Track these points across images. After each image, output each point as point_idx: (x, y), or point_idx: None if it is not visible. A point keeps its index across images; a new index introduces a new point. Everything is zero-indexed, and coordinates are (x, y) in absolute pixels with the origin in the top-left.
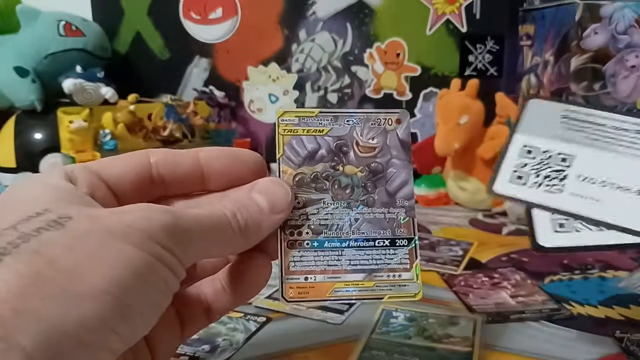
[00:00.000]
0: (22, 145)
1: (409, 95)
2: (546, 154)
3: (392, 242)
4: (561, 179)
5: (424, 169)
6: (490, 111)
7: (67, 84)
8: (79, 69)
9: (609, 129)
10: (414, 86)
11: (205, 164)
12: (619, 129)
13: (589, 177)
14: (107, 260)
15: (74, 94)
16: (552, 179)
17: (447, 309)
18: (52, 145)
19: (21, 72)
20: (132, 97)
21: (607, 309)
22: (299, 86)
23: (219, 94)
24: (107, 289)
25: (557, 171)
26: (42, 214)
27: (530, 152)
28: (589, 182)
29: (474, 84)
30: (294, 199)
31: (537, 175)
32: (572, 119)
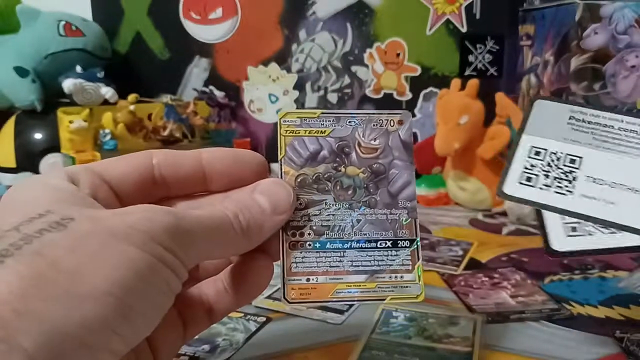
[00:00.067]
0: (22, 145)
1: (409, 95)
2: (554, 155)
3: (394, 244)
4: (571, 180)
5: (424, 169)
6: (490, 111)
7: (67, 84)
8: (79, 69)
9: (616, 130)
10: (414, 86)
11: (207, 165)
12: (627, 131)
13: (599, 179)
14: (109, 261)
15: (74, 94)
16: (562, 181)
17: (447, 309)
18: (52, 145)
19: (21, 72)
20: (132, 97)
21: (607, 309)
22: (299, 86)
23: (219, 94)
24: (109, 290)
25: (566, 173)
26: (45, 215)
27: (538, 154)
28: (599, 183)
29: (474, 84)
30: (296, 200)
31: (547, 176)
32: (579, 120)
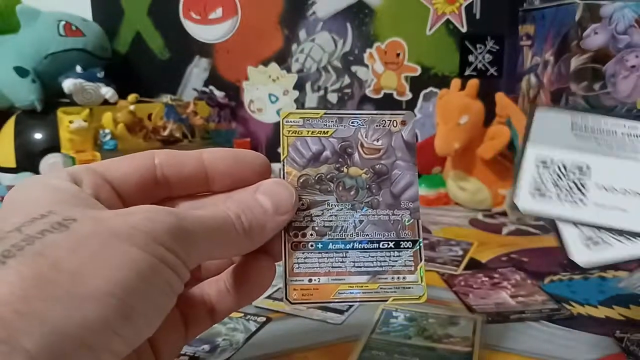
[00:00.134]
0: (22, 145)
1: (409, 95)
2: (561, 165)
3: (397, 244)
4: (582, 190)
5: (424, 169)
6: (490, 111)
7: (67, 84)
8: (79, 69)
9: (620, 135)
10: (414, 86)
11: (209, 165)
12: (630, 136)
13: (610, 186)
14: (111, 262)
15: (74, 94)
16: (573, 191)
17: (447, 309)
18: (52, 145)
19: (21, 72)
20: (132, 97)
21: (607, 309)
22: (299, 86)
23: (219, 94)
24: (111, 291)
25: (576, 182)
26: (47, 215)
27: (545, 164)
28: (610, 191)
29: (474, 84)
30: (298, 200)
31: (557, 186)
32: (581, 127)
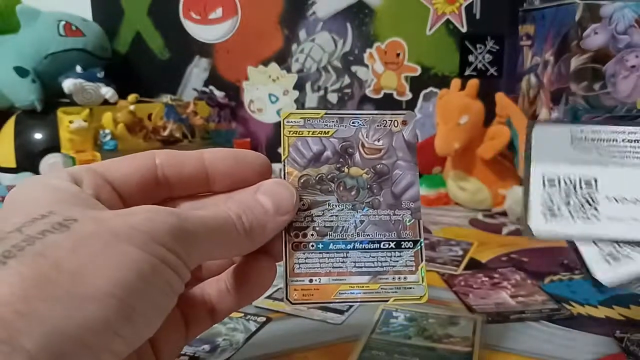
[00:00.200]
0: (22, 145)
1: (409, 95)
2: (569, 181)
3: (398, 245)
4: (593, 205)
5: (424, 169)
6: (490, 111)
7: (67, 84)
8: (79, 69)
9: (620, 143)
10: (414, 86)
11: (210, 166)
12: (631, 142)
13: (620, 197)
14: (112, 262)
15: (74, 94)
16: (584, 207)
17: (447, 309)
18: (52, 145)
19: (21, 72)
20: (132, 97)
21: (607, 309)
22: (299, 86)
23: (219, 94)
24: (112, 291)
25: (586, 198)
26: (47, 216)
27: (552, 183)
28: (621, 202)
29: (474, 84)
30: (299, 200)
31: (568, 205)
32: (581, 140)
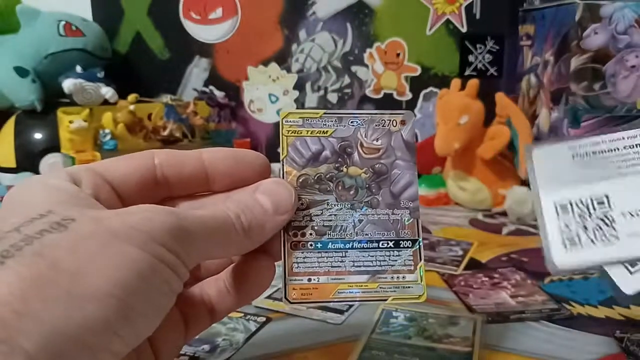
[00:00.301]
0: (22, 145)
1: (409, 95)
2: (580, 204)
3: (396, 244)
4: (611, 225)
5: (424, 169)
6: (490, 111)
7: (67, 84)
8: (79, 69)
9: (622, 151)
10: (414, 86)
11: (209, 165)
12: (633, 147)
13: (635, 210)
14: (110, 262)
15: (74, 94)
16: (602, 229)
17: (447, 309)
18: (52, 145)
19: (21, 72)
20: (132, 97)
21: (607, 309)
22: (299, 86)
23: (219, 94)
24: (110, 291)
25: (602, 219)
26: (46, 215)
27: (565, 209)
28: (636, 215)
29: (474, 84)
30: (297, 200)
31: (586, 229)
32: (582, 155)
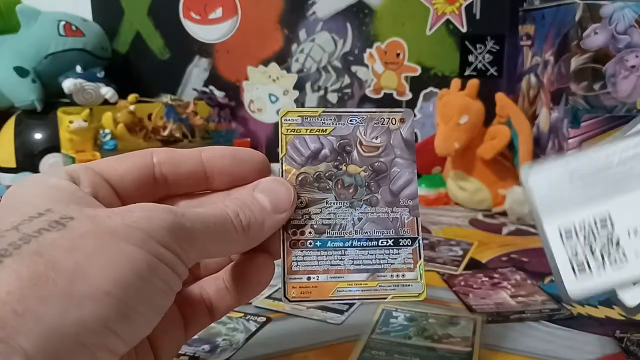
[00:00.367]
0: (22, 145)
1: (409, 95)
2: (584, 226)
3: (396, 242)
4: (616, 245)
5: (424, 169)
6: (490, 111)
7: (67, 84)
8: (79, 69)
9: (617, 165)
10: (414, 86)
11: (208, 164)
12: (630, 159)
13: (638, 228)
14: (109, 260)
15: (74, 94)
16: (609, 250)
17: (447, 309)
18: (52, 145)
19: (21, 72)
20: (132, 97)
21: (607, 309)
22: (299, 86)
23: (219, 94)
24: (109, 290)
25: (608, 239)
26: (44, 214)
27: (569, 234)
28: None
29: (474, 84)
30: (296, 198)
31: (593, 253)
32: (578, 173)
